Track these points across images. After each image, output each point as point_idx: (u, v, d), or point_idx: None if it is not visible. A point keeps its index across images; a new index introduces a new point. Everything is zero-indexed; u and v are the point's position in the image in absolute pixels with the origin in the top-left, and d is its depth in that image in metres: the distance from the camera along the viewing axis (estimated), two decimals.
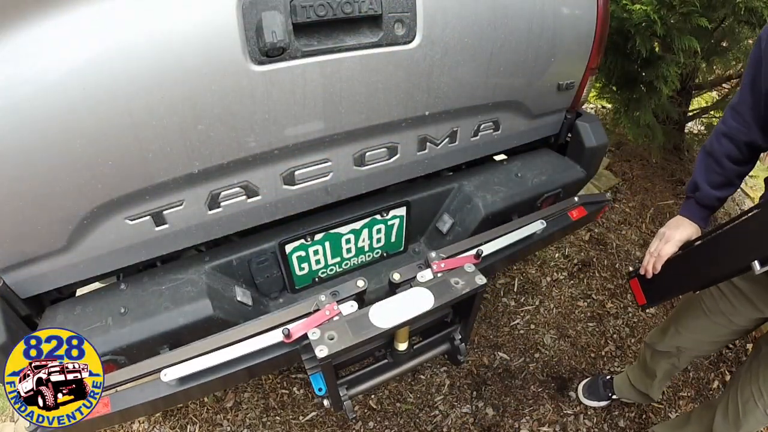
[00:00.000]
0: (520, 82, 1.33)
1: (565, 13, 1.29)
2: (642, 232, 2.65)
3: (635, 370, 1.68)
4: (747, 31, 2.34)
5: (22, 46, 0.74)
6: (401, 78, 1.09)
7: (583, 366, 2.02)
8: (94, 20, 0.77)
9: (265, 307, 1.29)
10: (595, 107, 3.73)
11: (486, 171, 1.52)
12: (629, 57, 2.31)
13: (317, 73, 0.97)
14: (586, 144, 1.55)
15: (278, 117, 0.99)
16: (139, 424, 1.78)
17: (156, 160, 0.92)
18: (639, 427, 1.84)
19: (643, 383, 1.64)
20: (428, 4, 1.03)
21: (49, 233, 0.92)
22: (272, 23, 0.87)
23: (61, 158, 0.83)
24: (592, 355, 2.06)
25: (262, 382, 1.90)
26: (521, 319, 2.18)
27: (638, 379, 1.66)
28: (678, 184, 3.01)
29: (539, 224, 1.34)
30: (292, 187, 1.13)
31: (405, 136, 1.22)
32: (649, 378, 1.60)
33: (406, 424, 1.80)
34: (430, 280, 1.06)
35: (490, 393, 1.90)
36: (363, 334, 0.93)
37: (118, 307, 1.04)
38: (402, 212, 1.38)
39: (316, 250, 1.30)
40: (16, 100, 0.76)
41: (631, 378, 1.70)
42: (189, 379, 0.96)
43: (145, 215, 0.99)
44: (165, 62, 0.83)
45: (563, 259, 2.47)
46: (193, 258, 1.20)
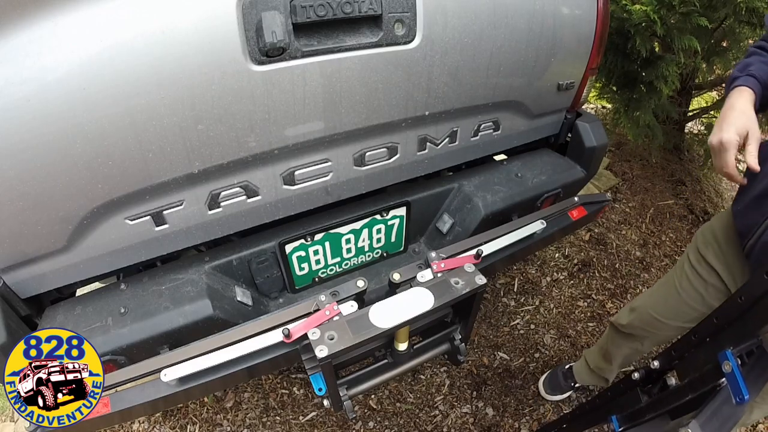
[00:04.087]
0: (520, 82, 1.33)
1: (565, 13, 1.29)
2: (642, 232, 2.65)
3: (593, 354, 1.68)
4: (747, 31, 2.34)
5: (22, 46, 0.74)
6: (401, 78, 1.09)
7: None
8: (94, 20, 0.77)
9: (265, 307, 1.29)
10: (595, 107, 3.73)
11: (486, 171, 1.52)
12: (629, 57, 2.31)
13: (317, 73, 0.97)
14: (586, 144, 1.55)
15: (278, 117, 0.99)
16: (139, 424, 1.78)
17: (156, 160, 0.92)
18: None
19: (600, 366, 1.63)
20: (428, 4, 1.03)
21: (49, 233, 0.92)
22: (272, 23, 0.87)
23: (61, 158, 0.83)
24: None
25: (262, 382, 1.90)
26: (521, 319, 2.18)
27: (596, 361, 1.65)
28: (678, 184, 3.01)
29: (539, 224, 1.34)
30: (292, 187, 1.13)
31: (405, 136, 1.22)
32: (607, 362, 1.60)
33: (406, 424, 1.80)
34: (430, 280, 1.06)
35: (490, 393, 1.90)
36: (363, 334, 0.93)
37: (118, 307, 1.05)
38: (402, 212, 1.38)
39: (316, 250, 1.30)
40: (16, 100, 0.76)
41: (589, 361, 1.69)
42: (189, 379, 0.96)
43: (145, 215, 0.99)
44: (165, 62, 0.83)
45: (563, 259, 2.47)
46: (193, 258, 1.20)
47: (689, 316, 1.27)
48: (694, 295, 1.22)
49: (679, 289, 1.25)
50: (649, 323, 1.37)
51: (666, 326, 1.33)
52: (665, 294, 1.31)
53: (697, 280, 1.20)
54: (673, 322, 1.31)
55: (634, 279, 2.40)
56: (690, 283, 1.22)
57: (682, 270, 1.26)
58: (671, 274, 1.31)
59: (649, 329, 1.39)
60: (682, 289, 1.25)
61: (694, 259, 1.22)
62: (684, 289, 1.24)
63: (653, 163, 3.13)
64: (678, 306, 1.27)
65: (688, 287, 1.23)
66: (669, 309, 1.30)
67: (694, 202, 2.93)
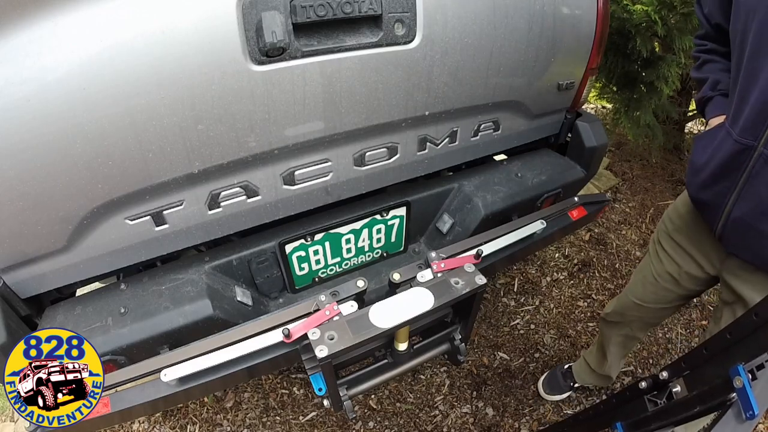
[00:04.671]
0: (520, 82, 1.33)
1: (565, 13, 1.29)
2: (642, 232, 2.65)
3: (592, 353, 1.69)
4: None
5: (22, 46, 0.74)
6: (401, 78, 1.09)
7: None
8: (94, 20, 0.77)
9: (265, 307, 1.29)
10: (595, 107, 3.73)
11: (486, 171, 1.52)
12: (629, 57, 2.31)
13: (317, 73, 0.97)
14: (586, 144, 1.55)
15: (278, 117, 0.99)
16: (139, 424, 1.78)
17: (156, 160, 0.92)
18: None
19: (600, 364, 1.65)
20: (428, 4, 1.03)
21: (49, 233, 0.92)
22: (272, 23, 0.87)
23: (61, 158, 0.83)
24: None
25: (262, 382, 1.90)
26: (521, 319, 2.18)
27: (596, 360, 1.67)
28: (678, 184, 3.01)
29: (539, 224, 1.34)
30: (292, 187, 1.13)
31: (405, 136, 1.22)
32: (604, 358, 1.61)
33: (406, 424, 1.80)
34: (430, 280, 1.06)
35: (490, 393, 1.90)
36: (363, 334, 0.93)
37: (118, 307, 1.04)
38: (402, 212, 1.38)
39: (316, 250, 1.30)
40: (16, 100, 0.76)
41: (588, 361, 1.71)
42: (189, 379, 0.96)
43: (145, 215, 0.99)
44: (165, 62, 0.83)
45: (563, 259, 2.47)
46: (193, 258, 1.20)
47: (667, 298, 1.31)
48: (669, 279, 1.25)
49: (655, 275, 1.29)
50: (630, 308, 1.41)
51: (647, 309, 1.37)
52: (642, 279, 1.35)
53: (671, 265, 1.23)
54: (653, 305, 1.35)
55: None
56: (664, 267, 1.25)
57: (656, 255, 1.29)
58: (647, 259, 1.34)
59: (632, 313, 1.42)
60: (657, 275, 1.28)
61: (668, 245, 1.24)
62: (659, 275, 1.27)
63: (653, 163, 3.13)
64: (655, 290, 1.31)
65: (662, 272, 1.26)
66: (647, 293, 1.34)
67: None
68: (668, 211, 1.26)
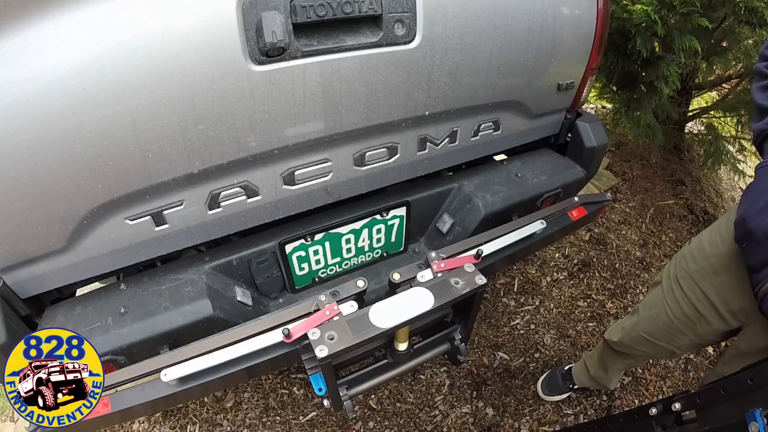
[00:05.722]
0: (520, 82, 1.33)
1: (565, 13, 1.29)
2: (642, 232, 2.65)
3: (593, 360, 1.66)
4: (747, 31, 2.34)
5: (22, 46, 0.74)
6: (401, 78, 1.09)
7: None
8: (94, 20, 0.77)
9: (265, 307, 1.29)
10: (595, 107, 3.73)
11: (486, 171, 1.52)
12: (629, 57, 2.31)
13: (317, 73, 0.97)
14: (586, 144, 1.55)
15: (278, 117, 0.99)
16: (139, 424, 1.78)
17: (156, 160, 0.92)
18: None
19: (600, 375, 1.63)
20: (428, 4, 1.03)
21: (49, 233, 0.92)
22: (272, 23, 0.87)
23: (61, 158, 0.83)
24: None
25: (262, 382, 1.90)
26: (521, 319, 2.18)
27: (596, 370, 1.64)
28: (678, 184, 3.01)
29: (539, 224, 1.34)
30: (292, 187, 1.13)
31: (405, 136, 1.22)
32: (603, 372, 1.59)
33: (406, 424, 1.80)
34: (430, 280, 1.06)
35: (490, 393, 1.90)
36: (363, 334, 0.93)
37: (118, 307, 1.04)
38: (402, 212, 1.38)
39: (316, 250, 1.30)
40: (16, 100, 0.76)
41: (589, 366, 1.68)
42: (189, 379, 0.96)
43: (145, 215, 0.99)
44: (165, 62, 0.83)
45: (563, 259, 2.47)
46: (193, 258, 1.20)
47: (679, 342, 1.19)
48: (686, 321, 1.13)
49: (670, 315, 1.16)
50: (639, 342, 1.31)
51: (657, 347, 1.26)
52: (654, 316, 1.23)
53: (689, 308, 1.10)
54: (663, 344, 1.23)
55: (634, 279, 2.40)
56: (681, 309, 1.13)
57: (671, 293, 1.16)
58: (660, 295, 1.20)
59: (641, 348, 1.33)
60: (673, 316, 1.15)
61: (687, 287, 1.10)
62: (676, 317, 1.15)
63: (653, 163, 3.13)
64: (669, 330, 1.19)
65: (679, 314, 1.14)
66: (659, 331, 1.22)
67: (694, 202, 2.93)
68: (691, 249, 1.12)
